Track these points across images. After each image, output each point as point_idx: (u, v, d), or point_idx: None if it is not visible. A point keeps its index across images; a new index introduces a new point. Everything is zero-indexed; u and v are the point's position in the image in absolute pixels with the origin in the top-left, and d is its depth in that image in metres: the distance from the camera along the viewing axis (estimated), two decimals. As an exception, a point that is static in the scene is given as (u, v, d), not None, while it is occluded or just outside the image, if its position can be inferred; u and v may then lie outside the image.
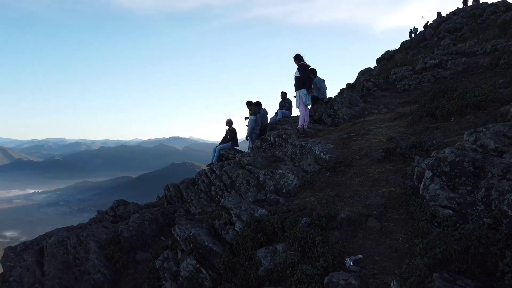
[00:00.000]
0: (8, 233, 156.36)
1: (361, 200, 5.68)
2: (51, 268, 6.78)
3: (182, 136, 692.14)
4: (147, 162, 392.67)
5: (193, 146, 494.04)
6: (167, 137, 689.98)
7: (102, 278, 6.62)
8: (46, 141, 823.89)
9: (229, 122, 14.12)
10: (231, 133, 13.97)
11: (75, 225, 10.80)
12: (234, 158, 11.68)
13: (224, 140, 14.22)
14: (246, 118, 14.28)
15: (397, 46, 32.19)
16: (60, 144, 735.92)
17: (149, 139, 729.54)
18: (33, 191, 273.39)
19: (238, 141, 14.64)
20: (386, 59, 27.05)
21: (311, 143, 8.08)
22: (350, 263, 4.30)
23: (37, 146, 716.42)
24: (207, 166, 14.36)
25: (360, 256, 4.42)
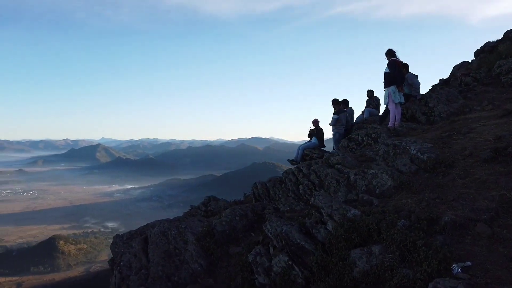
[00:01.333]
0: (110, 224, 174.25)
1: (467, 204, 5.24)
2: (155, 256, 7.43)
3: (263, 137, 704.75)
4: (230, 161, 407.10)
5: (273, 146, 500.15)
6: (248, 137, 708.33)
7: (199, 268, 7.06)
8: (141, 141, 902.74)
9: (316, 122, 14.07)
10: (317, 133, 13.90)
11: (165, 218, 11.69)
12: (319, 158, 11.59)
13: (309, 139, 14.21)
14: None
15: (499, 36, 28.90)
16: (154, 144, 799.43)
17: (232, 139, 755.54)
18: (130, 186, 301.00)
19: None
20: (487, 51, 24.42)
21: (406, 142, 7.68)
22: (457, 270, 4.00)
23: (134, 145, 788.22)
24: (288, 160, 14.49)
25: (469, 263, 4.09)
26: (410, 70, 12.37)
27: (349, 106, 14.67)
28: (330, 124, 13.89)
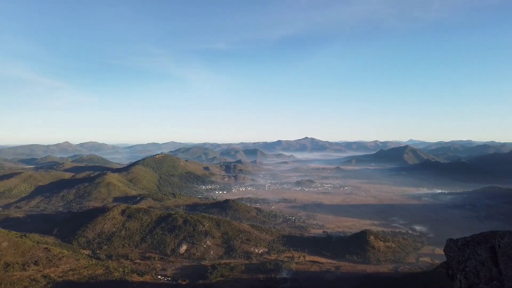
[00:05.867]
0: (418, 227, 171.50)
1: None
2: (508, 269, 6.29)
3: None
4: None
5: None
6: None
7: None
8: (452, 143, 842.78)
9: None
10: None
11: (481, 232, 9.89)
12: None
13: None
14: None
15: None
16: (467, 147, 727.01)
17: None
18: (439, 191, 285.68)
19: None
20: None
21: None
22: None
23: (443, 148, 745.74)
24: None
25: None
26: None
27: None
28: None
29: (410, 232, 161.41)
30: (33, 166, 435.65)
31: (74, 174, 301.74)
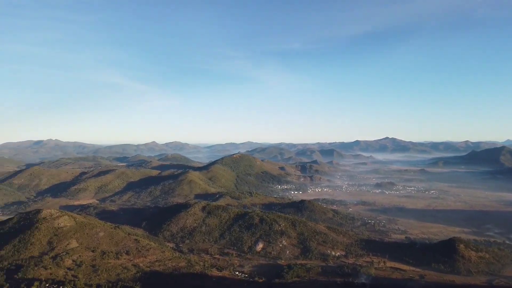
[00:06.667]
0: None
1: None
2: None
3: None
4: None
5: None
6: None
7: None
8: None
9: None
10: None
11: None
12: None
13: None
14: None
15: None
16: None
17: None
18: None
19: None
20: None
21: None
22: None
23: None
24: None
25: None
26: None
27: None
28: None
29: (507, 242, 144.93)
30: (125, 164, 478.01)
31: (160, 171, 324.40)
